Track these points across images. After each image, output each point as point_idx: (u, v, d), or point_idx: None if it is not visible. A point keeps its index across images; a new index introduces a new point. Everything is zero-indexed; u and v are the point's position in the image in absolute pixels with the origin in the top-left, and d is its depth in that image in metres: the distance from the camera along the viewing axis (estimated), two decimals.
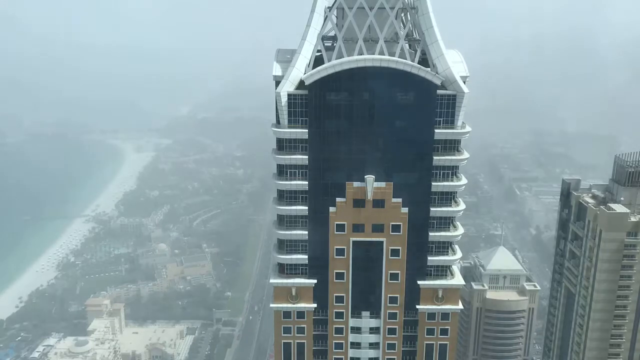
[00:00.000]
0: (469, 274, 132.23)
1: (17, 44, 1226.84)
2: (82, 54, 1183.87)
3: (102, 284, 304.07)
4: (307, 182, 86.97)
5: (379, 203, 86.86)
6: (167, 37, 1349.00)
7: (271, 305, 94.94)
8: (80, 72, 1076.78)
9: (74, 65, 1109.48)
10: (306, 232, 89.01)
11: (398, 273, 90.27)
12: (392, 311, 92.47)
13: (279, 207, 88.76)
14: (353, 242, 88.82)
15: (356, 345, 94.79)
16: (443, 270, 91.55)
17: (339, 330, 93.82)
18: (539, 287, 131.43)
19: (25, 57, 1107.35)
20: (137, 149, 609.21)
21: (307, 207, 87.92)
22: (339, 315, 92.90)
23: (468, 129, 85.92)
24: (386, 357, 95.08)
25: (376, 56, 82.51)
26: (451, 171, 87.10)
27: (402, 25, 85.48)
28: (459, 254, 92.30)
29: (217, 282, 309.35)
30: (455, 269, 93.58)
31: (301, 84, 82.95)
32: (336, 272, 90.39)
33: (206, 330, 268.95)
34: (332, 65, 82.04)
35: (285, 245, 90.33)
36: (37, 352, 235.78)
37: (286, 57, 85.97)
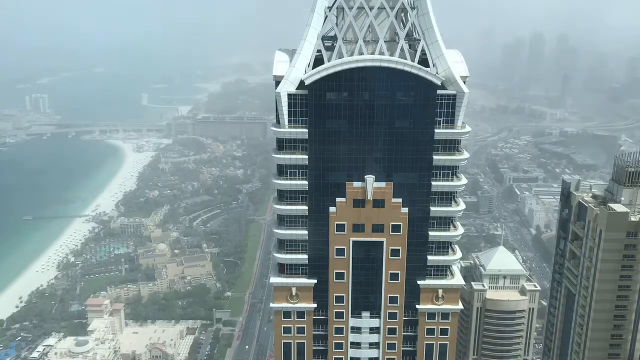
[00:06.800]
0: (469, 274, 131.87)
1: (17, 42, 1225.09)
2: (82, 54, 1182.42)
3: (102, 284, 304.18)
4: (307, 182, 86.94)
5: (379, 203, 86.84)
6: (167, 37, 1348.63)
7: (271, 305, 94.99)
8: (80, 72, 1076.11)
9: (74, 66, 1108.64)
10: (306, 232, 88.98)
11: (398, 273, 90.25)
12: (392, 311, 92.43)
13: (279, 206, 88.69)
14: (353, 242, 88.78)
15: (356, 345, 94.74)
16: (443, 270, 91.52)
17: (339, 330, 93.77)
18: (539, 287, 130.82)
19: (25, 56, 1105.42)
20: (137, 149, 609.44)
21: (307, 207, 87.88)
22: (339, 315, 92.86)
23: (468, 128, 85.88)
24: (386, 357, 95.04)
25: (376, 56, 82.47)
26: (451, 171, 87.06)
27: (402, 25, 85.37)
28: (458, 254, 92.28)
29: (217, 282, 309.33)
30: (455, 268, 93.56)
31: (301, 84, 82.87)
32: (336, 272, 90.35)
33: (206, 330, 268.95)
34: (332, 65, 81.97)
35: (285, 245, 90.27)
36: (37, 352, 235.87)
37: (286, 57, 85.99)
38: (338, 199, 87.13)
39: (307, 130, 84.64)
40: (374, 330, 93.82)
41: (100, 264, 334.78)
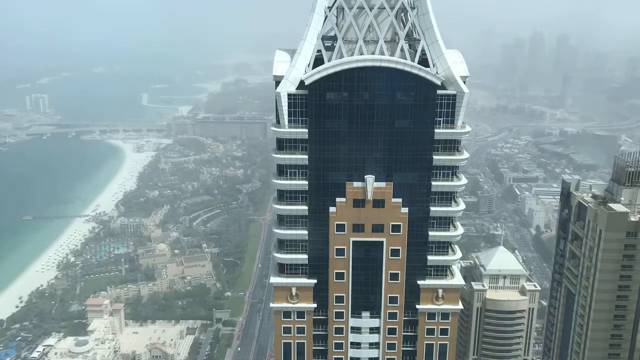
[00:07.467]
0: (469, 274, 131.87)
1: (18, 42, 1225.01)
2: (82, 55, 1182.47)
3: (102, 284, 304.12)
4: (307, 182, 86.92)
5: (379, 203, 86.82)
6: (167, 37, 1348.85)
7: (271, 305, 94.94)
8: (80, 73, 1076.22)
9: (74, 66, 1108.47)
10: (306, 232, 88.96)
11: (398, 273, 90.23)
12: (392, 311, 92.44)
13: (279, 206, 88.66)
14: (353, 242, 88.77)
15: (356, 345, 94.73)
16: (443, 270, 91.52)
17: (339, 330, 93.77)
18: (539, 287, 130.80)
19: (25, 56, 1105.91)
20: (137, 149, 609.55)
21: (307, 207, 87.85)
22: (339, 315, 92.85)
23: (468, 128, 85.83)
24: (386, 357, 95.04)
25: (376, 56, 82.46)
26: (451, 171, 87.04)
27: (402, 25, 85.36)
28: (458, 254, 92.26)
29: (217, 282, 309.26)
30: (455, 268, 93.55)
31: (301, 84, 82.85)
32: (336, 272, 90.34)
33: (206, 330, 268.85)
34: (332, 65, 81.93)
35: (285, 245, 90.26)
36: (37, 352, 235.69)
37: (286, 57, 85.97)
38: (338, 199, 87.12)
39: (307, 130, 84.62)
40: (374, 330, 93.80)
41: (100, 264, 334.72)
